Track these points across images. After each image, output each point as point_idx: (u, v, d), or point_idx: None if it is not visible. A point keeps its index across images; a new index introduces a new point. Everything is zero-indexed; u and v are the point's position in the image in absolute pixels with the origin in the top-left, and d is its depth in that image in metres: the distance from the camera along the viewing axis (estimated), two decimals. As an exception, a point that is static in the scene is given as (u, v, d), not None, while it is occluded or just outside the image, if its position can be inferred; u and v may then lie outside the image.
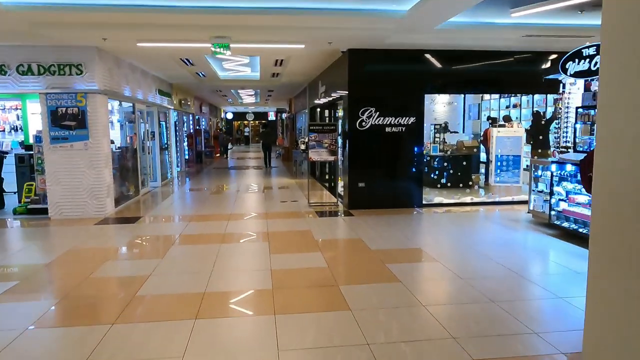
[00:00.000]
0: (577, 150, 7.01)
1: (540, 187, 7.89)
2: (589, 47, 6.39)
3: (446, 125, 12.97)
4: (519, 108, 13.55)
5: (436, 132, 12.81)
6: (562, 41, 8.77)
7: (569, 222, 6.84)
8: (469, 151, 12.35)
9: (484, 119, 15.33)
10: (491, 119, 12.65)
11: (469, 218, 8.68)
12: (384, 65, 9.31)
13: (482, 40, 8.68)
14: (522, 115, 13.25)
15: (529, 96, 12.93)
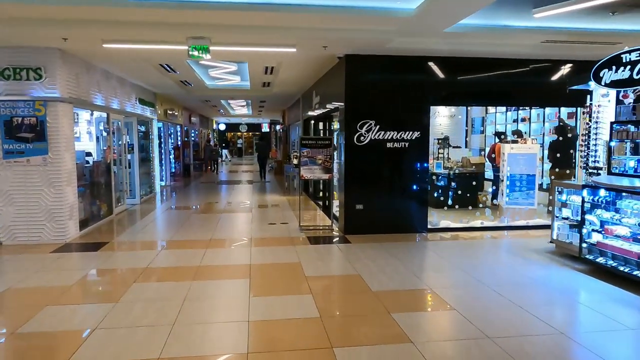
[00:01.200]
0: (613, 172, 6.00)
1: (565, 214, 6.87)
2: (631, 51, 5.42)
3: (446, 139, 12.00)
4: (528, 122, 12.58)
5: (439, 147, 11.84)
6: (583, 48, 7.82)
7: (605, 258, 5.80)
8: (476, 168, 11.36)
9: (488, 133, 14.42)
10: (498, 134, 11.67)
11: (482, 247, 7.63)
12: (385, 73, 8.32)
13: (495, 46, 7.72)
14: (532, 130, 12.27)
15: (540, 109, 11.97)
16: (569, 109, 10.88)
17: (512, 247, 7.48)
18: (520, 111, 12.89)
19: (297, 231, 8.65)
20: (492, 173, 11.54)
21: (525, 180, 9.27)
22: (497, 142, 11.28)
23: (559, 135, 9.89)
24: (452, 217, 9.05)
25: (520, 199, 9.27)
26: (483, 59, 8.43)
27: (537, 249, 7.21)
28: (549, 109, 11.63)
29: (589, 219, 6.05)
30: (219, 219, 10.10)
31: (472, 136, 15.25)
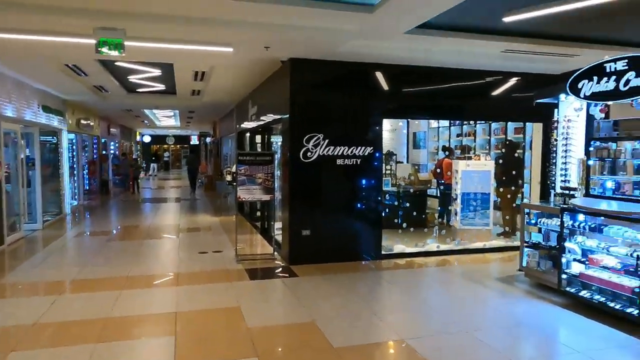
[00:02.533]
0: (591, 194, 5.41)
1: (535, 239, 6.23)
2: (616, 60, 4.85)
3: (392, 155, 11.32)
4: (473, 137, 12.23)
5: (384, 163, 11.11)
6: (541, 60, 7.36)
7: (590, 291, 5.14)
8: (424, 186, 10.73)
9: (430, 148, 13.99)
10: (446, 149, 11.16)
11: (445, 276, 6.83)
12: (335, 81, 7.37)
13: (455, 54, 7.04)
14: (478, 145, 11.91)
15: (485, 124, 11.64)
16: (516, 124, 10.59)
17: (477, 275, 6.74)
18: (464, 126, 12.55)
19: (233, 262, 7.40)
20: (439, 190, 10.97)
21: (479, 199, 8.69)
22: (444, 158, 10.74)
23: (506, 151, 9.46)
24: (406, 240, 8.23)
25: (476, 219, 8.66)
26: (442, 69, 7.75)
27: (506, 278, 6.51)
28: (495, 124, 11.31)
29: (569, 247, 5.40)
30: (140, 247, 8.59)
31: (414, 151, 14.80)
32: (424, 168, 13.26)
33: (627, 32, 6.47)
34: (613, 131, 5.20)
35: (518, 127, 10.67)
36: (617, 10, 5.49)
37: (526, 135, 10.35)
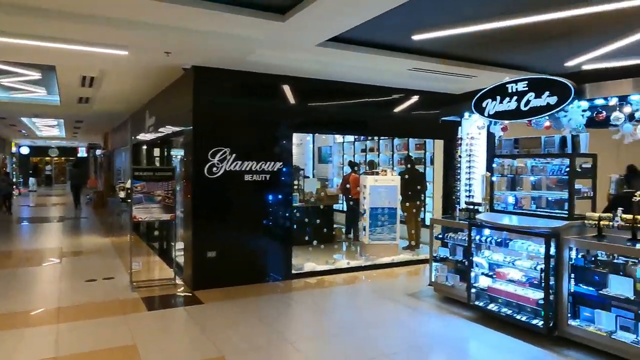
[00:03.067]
0: (495, 209, 5.60)
1: (443, 254, 6.34)
2: (517, 81, 5.08)
3: (299, 170, 11.14)
4: (376, 152, 12.50)
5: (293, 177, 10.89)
6: (444, 80, 7.67)
7: (497, 305, 5.28)
8: (332, 201, 10.66)
9: (336, 162, 14.08)
10: (353, 164, 11.23)
11: (357, 295, 6.69)
12: (244, 92, 6.99)
13: (365, 70, 7.04)
14: (381, 161, 12.16)
15: (388, 140, 11.95)
16: (418, 140, 10.99)
17: (389, 291, 6.69)
18: (368, 141, 12.79)
19: (127, 290, 6.59)
20: (347, 205, 10.99)
21: (387, 214, 8.77)
22: (351, 173, 10.79)
23: (407, 166, 9.74)
24: (317, 257, 8.00)
25: (384, 234, 8.71)
26: (352, 84, 7.73)
27: (417, 294, 6.53)
28: (398, 140, 11.65)
29: (477, 261, 5.53)
30: (12, 277, 7.36)
31: (319, 165, 14.80)
32: (331, 183, 13.26)
33: (521, 56, 6.95)
34: (514, 149, 5.45)
35: (419, 144, 11.09)
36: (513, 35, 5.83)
37: (427, 152, 10.80)
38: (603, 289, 4.46)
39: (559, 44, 6.16)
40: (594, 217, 4.67)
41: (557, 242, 4.65)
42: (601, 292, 4.46)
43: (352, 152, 13.27)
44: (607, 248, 4.43)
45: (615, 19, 5.09)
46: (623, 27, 5.40)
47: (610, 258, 4.45)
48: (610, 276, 4.44)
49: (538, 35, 5.76)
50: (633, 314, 4.28)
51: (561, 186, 5.05)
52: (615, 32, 5.55)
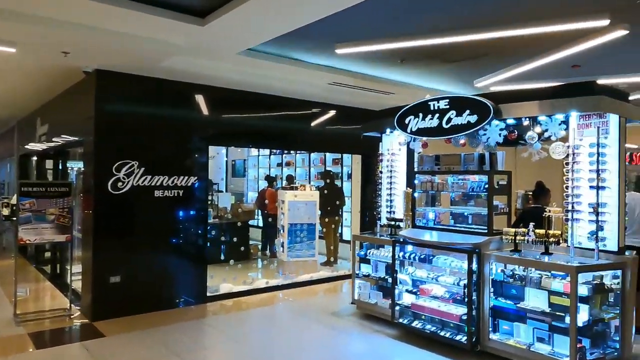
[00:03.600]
0: (416, 225, 5.63)
1: (365, 271, 6.26)
2: (439, 99, 5.17)
3: (211, 184, 10.61)
4: (293, 166, 12.32)
5: (208, 192, 10.31)
6: (363, 95, 7.71)
7: (421, 321, 5.26)
8: (248, 217, 10.25)
9: (251, 176, 13.68)
10: (269, 179, 10.93)
11: (278, 316, 6.37)
12: (156, 100, 6.43)
13: (286, 82, 6.83)
14: (298, 176, 11.99)
15: (305, 154, 11.83)
16: (335, 155, 10.99)
17: (310, 311, 6.45)
18: (284, 155, 12.58)
19: (11, 324, 5.67)
20: (263, 221, 10.63)
21: (306, 229, 8.58)
22: (268, 187, 10.49)
23: (326, 181, 9.69)
24: (234, 277, 7.53)
25: (303, 251, 8.50)
26: (272, 96, 7.46)
27: (339, 312, 6.36)
28: (314, 154, 11.57)
29: (400, 278, 5.49)
30: None
31: (233, 179, 14.30)
32: (246, 198, 12.84)
33: (434, 76, 7.19)
34: (435, 165, 5.53)
35: (336, 158, 11.10)
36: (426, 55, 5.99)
37: (343, 166, 10.84)
38: (521, 302, 4.61)
39: (469, 65, 6.47)
40: (510, 232, 4.83)
41: (479, 257, 4.74)
42: (519, 305, 4.60)
43: (267, 166, 12.97)
44: (523, 262, 4.59)
45: (520, 45, 5.43)
46: (526, 54, 5.77)
47: (526, 272, 4.61)
48: (527, 289, 4.60)
49: (448, 55, 5.98)
50: (547, 325, 4.45)
51: (480, 202, 5.20)
52: (519, 58, 5.92)
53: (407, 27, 4.95)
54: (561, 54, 5.54)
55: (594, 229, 4.39)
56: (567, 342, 4.23)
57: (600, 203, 4.37)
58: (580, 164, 4.52)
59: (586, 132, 4.54)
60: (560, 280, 4.34)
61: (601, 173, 4.36)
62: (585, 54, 5.58)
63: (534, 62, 5.97)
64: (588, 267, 4.23)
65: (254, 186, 13.23)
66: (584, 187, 4.49)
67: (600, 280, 4.35)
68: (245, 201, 12.48)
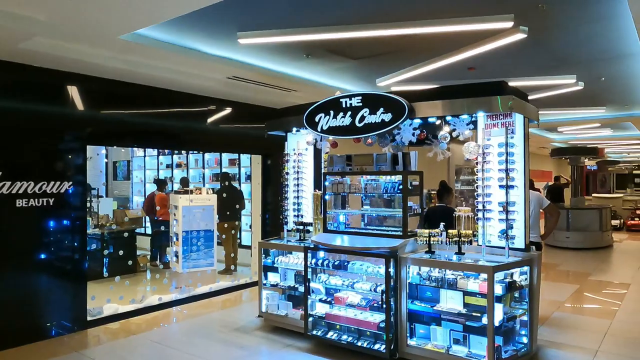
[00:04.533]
0: (328, 229, 5.33)
1: (273, 279, 5.82)
2: (352, 96, 4.89)
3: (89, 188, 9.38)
4: (185, 168, 11.40)
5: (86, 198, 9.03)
6: (265, 92, 7.27)
7: (337, 332, 4.95)
8: (135, 224, 9.20)
9: (136, 179, 12.41)
10: (159, 182, 9.94)
11: (177, 337, 5.62)
12: (16, 92, 5.31)
13: (180, 75, 6.12)
14: (191, 178, 11.11)
15: (198, 154, 11.01)
16: (232, 155, 10.36)
17: (212, 328, 5.82)
18: (175, 155, 11.59)
19: None
20: (152, 228, 9.63)
21: (203, 237, 7.87)
22: (156, 191, 9.53)
23: (225, 184, 9.06)
24: (121, 295, 6.57)
25: (200, 260, 7.77)
26: (163, 90, 6.66)
27: (245, 327, 5.82)
28: (209, 155, 10.81)
29: (313, 287, 5.13)
30: None
31: (115, 183, 12.89)
32: (131, 203, 11.62)
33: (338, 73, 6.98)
34: (346, 165, 5.27)
35: (233, 159, 10.47)
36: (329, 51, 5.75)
37: (241, 167, 10.25)
38: (437, 305, 4.52)
39: (372, 63, 6.37)
40: (424, 233, 4.73)
41: (396, 261, 4.56)
42: (435, 307, 4.51)
43: (156, 168, 11.85)
44: (442, 265, 4.50)
45: (423, 44, 5.43)
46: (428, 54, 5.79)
47: (441, 273, 4.53)
48: (442, 291, 4.53)
49: (353, 52, 5.81)
50: (462, 326, 4.41)
51: (393, 203, 5.04)
52: (420, 58, 5.93)
53: (313, 17, 4.63)
54: (461, 55, 5.63)
55: (504, 228, 4.44)
56: (483, 342, 4.23)
57: (509, 202, 4.44)
58: (490, 163, 4.55)
59: (494, 132, 4.59)
60: (475, 280, 4.31)
61: (510, 172, 4.42)
62: (480, 57, 5.74)
63: (434, 63, 6.02)
64: (503, 266, 4.25)
65: (141, 190, 12.03)
66: (494, 187, 4.53)
67: (511, 277, 4.41)
68: (131, 207, 11.27)
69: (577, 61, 6.38)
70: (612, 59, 6.27)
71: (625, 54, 6.00)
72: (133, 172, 12.34)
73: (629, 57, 6.10)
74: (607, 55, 6.09)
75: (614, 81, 7.54)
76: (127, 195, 12.07)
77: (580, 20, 4.82)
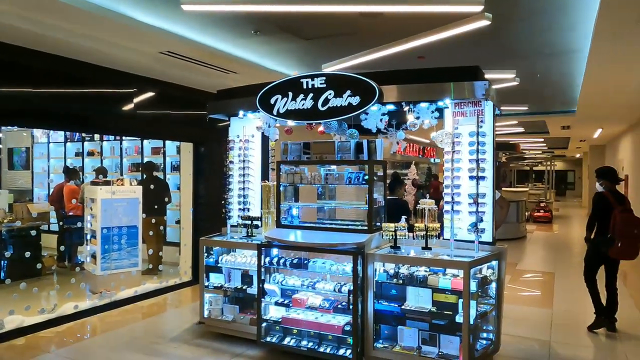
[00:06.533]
0: (282, 224, 4.82)
1: (216, 281, 5.20)
2: (314, 76, 4.40)
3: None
4: (98, 156, 10.16)
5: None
6: (201, 73, 6.56)
7: (295, 338, 4.48)
8: (42, 219, 7.96)
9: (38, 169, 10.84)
10: (69, 170, 8.72)
11: (101, 353, 4.79)
12: None
13: (102, 44, 5.22)
14: (109, 168, 9.91)
15: (115, 141, 9.86)
16: (156, 143, 9.40)
17: (143, 341, 5.05)
18: (86, 142, 10.28)
19: None
20: (61, 225, 8.40)
21: (126, 234, 6.93)
22: (65, 182, 8.35)
23: (150, 174, 8.15)
24: (26, 304, 5.50)
25: (123, 260, 6.83)
26: (79, 64, 5.69)
27: (183, 336, 5.13)
28: (127, 142, 9.72)
29: (268, 289, 4.61)
30: None
31: (10, 173, 11.19)
32: (33, 196, 10.17)
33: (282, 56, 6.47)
34: (304, 154, 4.78)
35: (156, 147, 9.50)
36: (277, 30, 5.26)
37: (166, 156, 9.32)
38: (405, 304, 4.23)
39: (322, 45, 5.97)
40: (390, 227, 4.41)
41: (363, 258, 4.19)
42: (403, 307, 4.21)
43: (63, 156, 10.44)
44: (410, 260, 4.22)
45: (377, 28, 5.14)
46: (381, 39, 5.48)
47: (410, 270, 4.24)
48: (410, 289, 4.24)
49: (304, 32, 5.38)
50: (427, 324, 4.17)
51: (357, 195, 4.67)
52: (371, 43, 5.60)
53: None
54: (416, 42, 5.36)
55: (474, 221, 4.25)
56: (454, 341, 4.01)
57: (480, 194, 4.25)
58: (460, 153, 4.33)
59: (462, 121, 4.37)
60: (445, 276, 4.08)
61: (480, 163, 4.23)
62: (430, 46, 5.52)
63: (387, 49, 5.72)
64: (478, 261, 4.05)
65: (43, 182, 10.53)
66: (464, 178, 4.32)
67: (481, 273, 4.24)
68: (32, 200, 9.85)
69: (523, 55, 6.45)
70: (553, 54, 6.41)
71: (566, 50, 6.15)
72: (34, 160, 10.76)
73: (569, 53, 6.27)
74: (550, 50, 6.21)
75: (547, 78, 7.81)
76: (27, 187, 10.52)
77: (540, 11, 4.77)
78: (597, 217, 5.28)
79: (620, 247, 5.00)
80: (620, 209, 5.10)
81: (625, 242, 4.97)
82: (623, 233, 4.96)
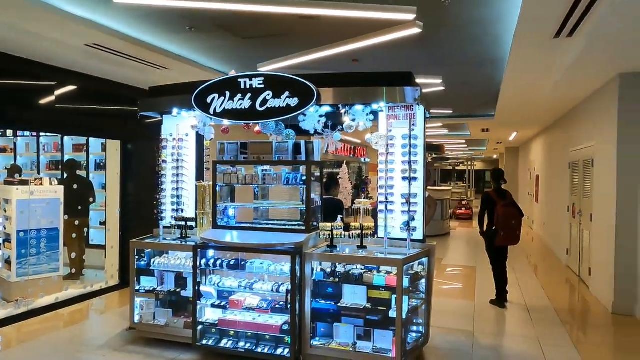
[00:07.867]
0: (218, 224, 4.75)
1: (149, 285, 5.02)
2: (253, 76, 4.37)
3: None
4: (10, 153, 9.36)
5: None
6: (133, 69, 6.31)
7: (233, 340, 4.43)
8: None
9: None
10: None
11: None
12: None
13: (22, 34, 4.85)
14: (21, 165, 9.17)
15: (31, 138, 9.14)
16: (78, 139, 8.82)
17: (67, 352, 4.76)
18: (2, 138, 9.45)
19: None
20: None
21: (45, 237, 6.46)
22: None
23: (71, 173, 7.68)
24: None
25: (42, 265, 6.36)
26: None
27: (112, 343, 4.88)
28: (46, 138, 9.05)
29: (203, 291, 4.52)
30: None
31: None
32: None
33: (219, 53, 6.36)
34: (241, 154, 4.74)
35: (78, 144, 8.92)
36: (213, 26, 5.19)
37: (90, 154, 8.80)
38: (341, 301, 4.34)
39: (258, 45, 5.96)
40: (327, 227, 4.50)
41: (301, 258, 4.24)
42: (339, 304, 4.32)
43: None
44: (347, 259, 4.33)
45: (314, 30, 5.23)
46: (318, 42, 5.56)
47: (346, 269, 4.36)
48: (346, 287, 4.36)
49: (241, 30, 5.36)
50: (364, 321, 4.31)
51: (294, 195, 4.71)
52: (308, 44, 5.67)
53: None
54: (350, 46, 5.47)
55: (407, 220, 4.45)
56: (387, 335, 4.18)
57: (412, 194, 4.45)
58: (394, 155, 4.51)
59: (395, 124, 4.55)
60: (379, 273, 4.24)
61: (413, 164, 4.43)
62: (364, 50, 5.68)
63: (323, 51, 5.78)
64: (411, 257, 4.24)
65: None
66: (397, 179, 4.50)
67: (412, 269, 4.44)
68: None
69: (449, 63, 6.82)
70: (477, 63, 6.84)
71: (489, 59, 6.59)
72: None
73: (492, 62, 6.72)
74: (475, 58, 6.62)
75: (471, 85, 8.31)
76: None
77: (473, 20, 5.07)
78: (485, 212, 6.34)
79: (503, 236, 6.09)
80: (502, 204, 6.12)
81: (507, 232, 6.06)
82: (504, 225, 6.03)
